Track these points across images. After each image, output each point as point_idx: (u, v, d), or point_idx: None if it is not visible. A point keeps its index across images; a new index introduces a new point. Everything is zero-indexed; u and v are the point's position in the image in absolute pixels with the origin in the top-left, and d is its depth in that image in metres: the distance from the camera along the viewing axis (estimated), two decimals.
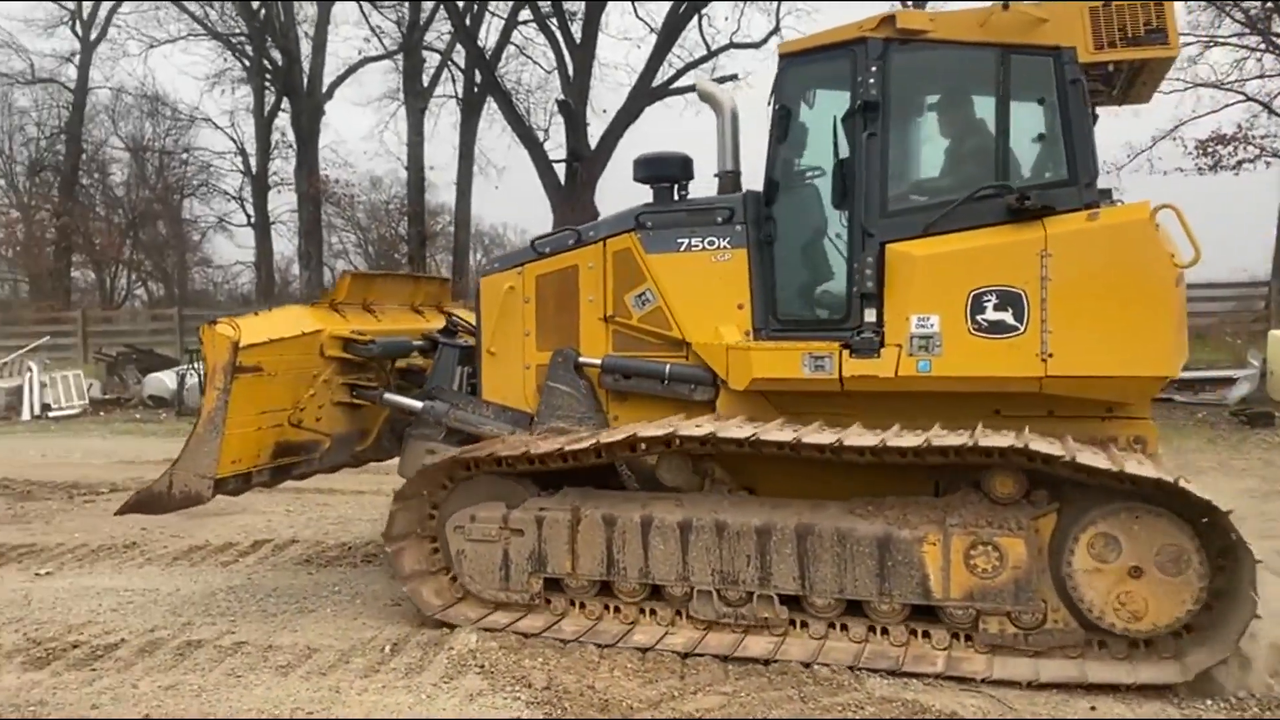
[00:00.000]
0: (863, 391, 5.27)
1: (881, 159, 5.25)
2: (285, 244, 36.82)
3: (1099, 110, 5.60)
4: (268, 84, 32.58)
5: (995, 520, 4.80)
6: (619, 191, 30.52)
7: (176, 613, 5.87)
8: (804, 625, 5.08)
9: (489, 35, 29.01)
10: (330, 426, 6.56)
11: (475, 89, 29.72)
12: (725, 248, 5.64)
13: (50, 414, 16.97)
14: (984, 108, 5.31)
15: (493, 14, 28.76)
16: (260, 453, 6.13)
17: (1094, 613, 4.65)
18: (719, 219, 5.68)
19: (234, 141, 35.69)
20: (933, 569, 4.82)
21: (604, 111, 26.33)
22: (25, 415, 16.81)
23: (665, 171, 5.99)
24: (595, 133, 25.51)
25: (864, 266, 5.22)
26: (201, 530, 8.08)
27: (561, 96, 26.37)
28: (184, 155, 36.80)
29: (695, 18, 26.34)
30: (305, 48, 31.53)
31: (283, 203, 36.03)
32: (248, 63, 32.58)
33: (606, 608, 5.40)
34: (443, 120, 47.75)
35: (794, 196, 5.62)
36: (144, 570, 6.93)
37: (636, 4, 35.36)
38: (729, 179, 5.89)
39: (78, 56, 34.23)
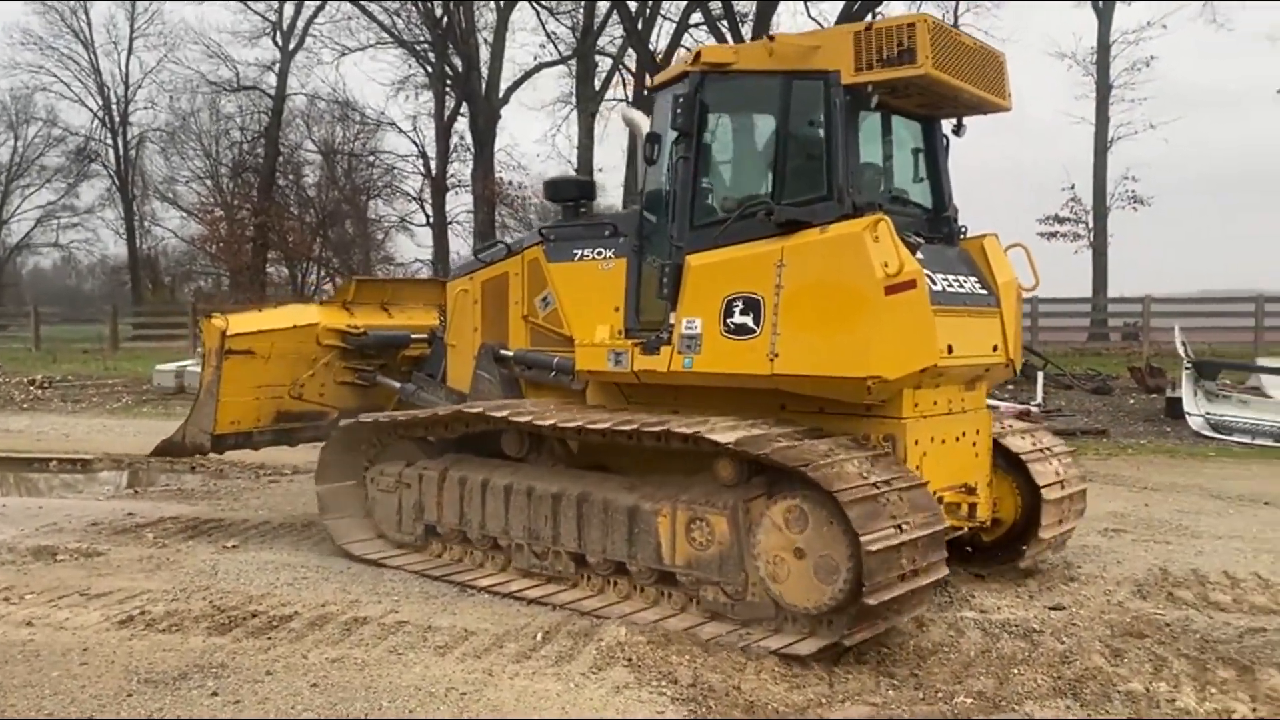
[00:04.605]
0: (689, 386, 5.77)
1: (692, 180, 5.75)
2: (461, 243, 38.18)
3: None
4: (448, 89, 33.90)
5: (711, 499, 5.30)
6: None
7: (346, 590, 6.17)
8: (587, 580, 5.89)
9: (660, 39, 29.35)
10: (336, 401, 8.12)
11: (645, 93, 30.04)
12: (610, 257, 6.29)
13: None
14: (772, 131, 5.70)
15: (664, 17, 29.08)
16: (260, 417, 7.86)
17: (773, 590, 5.03)
18: (606, 232, 6.38)
19: (416, 145, 37.32)
20: (665, 538, 5.43)
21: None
22: None
23: (568, 192, 6.94)
24: None
25: (665, 275, 5.76)
26: None
27: None
28: (370, 158, 38.73)
29: (869, 17, 25.84)
30: (484, 54, 32.70)
31: (459, 204, 37.42)
32: (430, 69, 34.00)
33: (467, 552, 6.53)
34: (613, 124, 48.46)
35: (655, 213, 6.09)
36: (319, 547, 7.30)
37: (809, 4, 35.00)
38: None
39: (277, 65, 36.62)
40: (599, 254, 6.35)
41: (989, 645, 5.16)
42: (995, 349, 5.87)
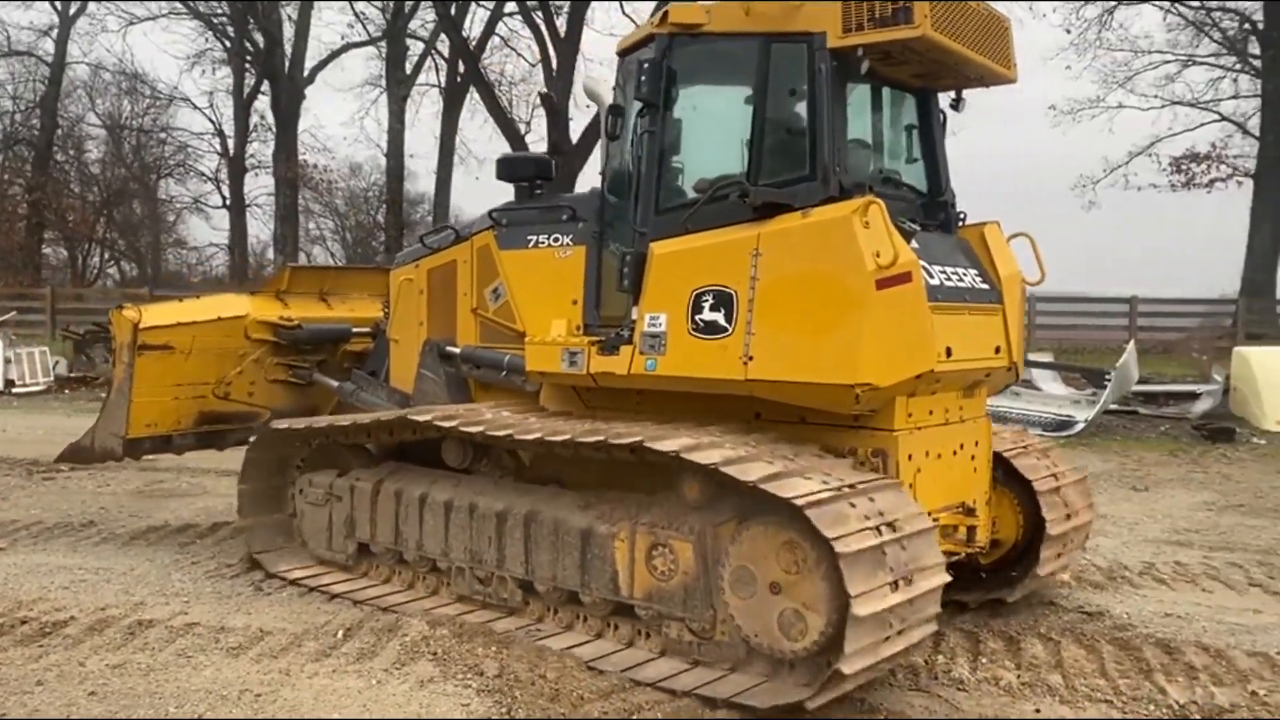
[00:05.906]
0: (651, 391, 5.15)
1: (657, 156, 5.07)
2: (261, 227, 36.67)
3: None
4: (248, 66, 32.37)
5: (675, 522, 4.64)
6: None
7: (129, 592, 5.82)
8: (530, 608, 5.28)
9: (473, 25, 28.98)
10: (268, 401, 7.40)
11: (458, 79, 29.65)
12: (567, 244, 5.62)
13: (14, 390, 16.71)
14: (749, 101, 4.99)
15: (478, 4, 28.71)
16: (180, 419, 7.15)
17: (742, 628, 4.38)
18: (563, 217, 5.68)
19: (212, 123, 35.49)
20: (622, 566, 4.78)
21: (586, 106, 26.24)
22: None
23: (522, 172, 6.17)
24: (577, 127, 25.52)
25: (624, 264, 5.13)
26: (161, 511, 8.01)
27: (544, 90, 26.32)
28: (161, 135, 36.54)
29: None
30: (288, 31, 31.39)
31: (259, 186, 35.80)
32: (229, 44, 32.37)
33: (396, 574, 5.87)
34: (424, 109, 47.52)
35: (618, 195, 5.43)
36: (99, 549, 6.87)
37: (622, 2, 35.46)
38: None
39: (55, 30, 33.87)
40: (555, 240, 5.65)
41: None
42: (997, 350, 5.18)
